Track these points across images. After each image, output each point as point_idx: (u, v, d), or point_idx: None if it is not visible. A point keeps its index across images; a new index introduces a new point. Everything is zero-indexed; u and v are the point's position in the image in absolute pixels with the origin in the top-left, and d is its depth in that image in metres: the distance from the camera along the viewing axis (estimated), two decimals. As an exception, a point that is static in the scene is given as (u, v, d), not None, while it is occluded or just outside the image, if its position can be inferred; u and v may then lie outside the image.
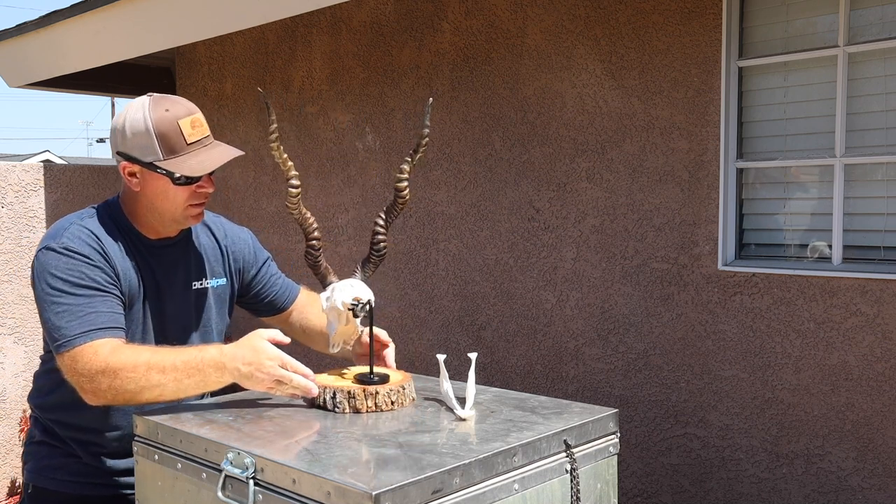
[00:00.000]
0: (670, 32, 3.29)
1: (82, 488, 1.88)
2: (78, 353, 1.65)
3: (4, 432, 4.79)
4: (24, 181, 4.85)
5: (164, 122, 1.76)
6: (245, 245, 2.06)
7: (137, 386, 1.62)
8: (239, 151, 1.86)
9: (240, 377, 1.62)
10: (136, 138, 1.76)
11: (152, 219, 1.85)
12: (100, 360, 1.63)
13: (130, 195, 1.85)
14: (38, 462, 1.91)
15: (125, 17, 4.48)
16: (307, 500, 1.30)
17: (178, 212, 1.82)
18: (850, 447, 2.93)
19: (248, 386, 1.64)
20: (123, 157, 1.79)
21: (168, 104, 1.78)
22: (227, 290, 2.02)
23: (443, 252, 4.13)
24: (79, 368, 1.65)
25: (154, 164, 1.76)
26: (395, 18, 4.28)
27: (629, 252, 3.46)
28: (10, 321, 4.77)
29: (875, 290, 2.86)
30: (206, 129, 1.83)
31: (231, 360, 1.62)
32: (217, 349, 1.65)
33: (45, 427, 1.92)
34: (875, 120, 2.95)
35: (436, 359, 1.70)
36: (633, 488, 3.49)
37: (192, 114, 1.79)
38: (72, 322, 1.67)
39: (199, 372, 1.63)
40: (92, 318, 1.68)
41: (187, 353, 1.66)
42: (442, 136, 4.08)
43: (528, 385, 3.77)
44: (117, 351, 1.65)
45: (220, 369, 1.62)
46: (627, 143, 3.44)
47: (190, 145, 1.78)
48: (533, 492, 1.44)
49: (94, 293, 1.71)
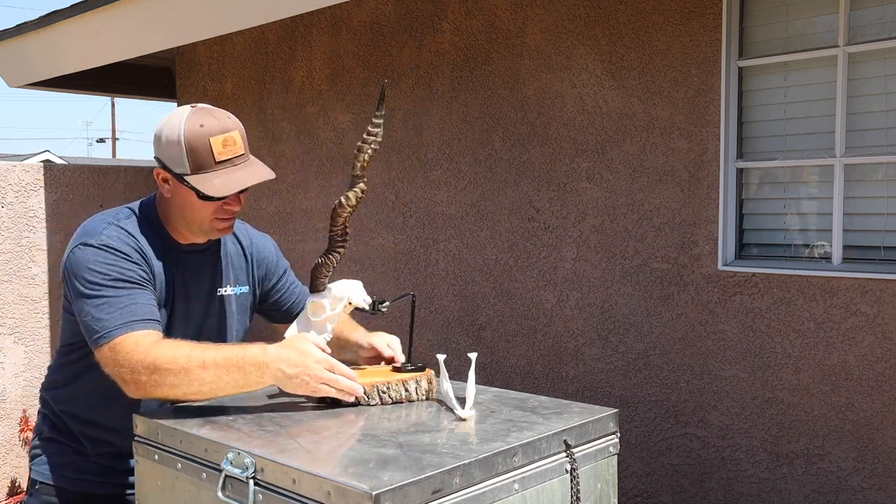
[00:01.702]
0: (670, 32, 3.29)
1: (90, 486, 1.89)
2: (119, 343, 1.65)
3: (4, 432, 4.79)
4: (24, 181, 4.85)
5: (196, 138, 1.74)
6: (269, 253, 2.08)
7: (177, 379, 1.61)
8: (269, 174, 1.82)
9: (283, 378, 1.61)
10: (170, 148, 1.76)
11: (181, 225, 1.86)
12: (140, 352, 1.63)
13: (163, 199, 1.86)
14: (46, 459, 1.92)
15: (125, 17, 4.48)
16: (307, 500, 1.30)
17: (205, 224, 1.83)
18: (850, 447, 2.93)
19: (289, 388, 1.63)
20: (158, 163, 1.81)
21: (205, 119, 1.76)
22: (249, 297, 2.04)
23: (443, 252, 4.13)
24: (119, 360, 1.64)
25: (182, 176, 1.76)
26: (395, 18, 4.28)
27: (629, 252, 3.46)
28: (10, 321, 4.77)
29: (875, 290, 2.86)
30: (241, 147, 1.80)
31: (275, 361, 1.61)
32: (260, 348, 1.64)
33: (53, 423, 1.92)
34: (875, 120, 2.95)
35: (436, 359, 1.70)
36: (633, 488, 3.49)
37: (226, 132, 1.77)
38: (112, 314, 1.67)
39: (239, 370, 1.62)
40: (132, 310, 1.68)
41: (229, 349, 1.65)
42: (442, 136, 4.08)
43: (528, 385, 3.77)
44: (158, 344, 1.65)
45: (261, 369, 1.61)
46: (627, 143, 3.44)
47: (218, 164, 1.76)
48: (533, 492, 1.44)
49: (133, 287, 1.72)
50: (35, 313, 4.88)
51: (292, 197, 4.86)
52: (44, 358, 4.93)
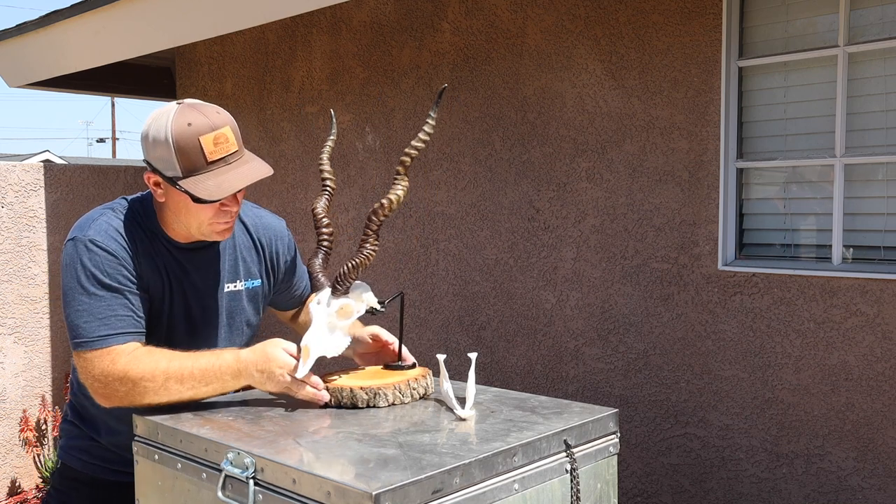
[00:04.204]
0: (670, 32, 3.29)
1: (102, 472, 1.93)
2: (96, 356, 1.65)
3: (4, 432, 4.79)
4: (24, 181, 4.85)
5: (184, 138, 1.65)
6: (282, 243, 2.01)
7: (155, 395, 1.64)
8: (266, 171, 1.75)
9: (254, 381, 1.66)
10: (158, 150, 1.68)
11: (179, 228, 1.79)
12: (118, 369, 1.63)
13: (158, 202, 1.79)
14: (67, 441, 1.98)
15: (125, 17, 4.48)
16: (307, 500, 1.30)
17: (204, 227, 1.76)
18: (850, 447, 2.93)
19: (265, 389, 1.67)
20: (148, 167, 1.73)
21: (192, 116, 1.67)
22: (261, 289, 1.98)
23: (443, 252, 4.13)
24: (94, 373, 1.65)
25: (174, 180, 1.68)
26: (395, 18, 4.28)
27: (629, 252, 3.46)
28: (10, 321, 4.77)
29: (875, 290, 2.86)
30: (234, 143, 1.71)
31: (246, 367, 1.65)
32: (233, 355, 1.66)
33: (75, 407, 1.96)
34: (875, 120, 2.95)
35: (436, 359, 1.70)
36: (633, 488, 3.49)
37: (216, 129, 1.68)
38: (90, 323, 1.66)
39: (216, 379, 1.65)
40: (110, 322, 1.66)
41: (204, 359, 1.66)
42: (442, 136, 4.08)
43: (528, 385, 3.77)
44: (136, 359, 1.64)
45: (236, 375, 1.66)
46: (627, 143, 3.44)
47: (211, 164, 1.67)
48: (533, 492, 1.44)
49: (115, 294, 1.69)
50: (35, 313, 4.88)
51: (292, 197, 4.86)
52: (44, 358, 4.93)
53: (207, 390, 1.66)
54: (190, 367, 1.64)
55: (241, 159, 1.74)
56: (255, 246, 1.96)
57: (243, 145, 1.77)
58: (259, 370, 1.64)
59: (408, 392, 1.72)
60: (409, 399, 1.72)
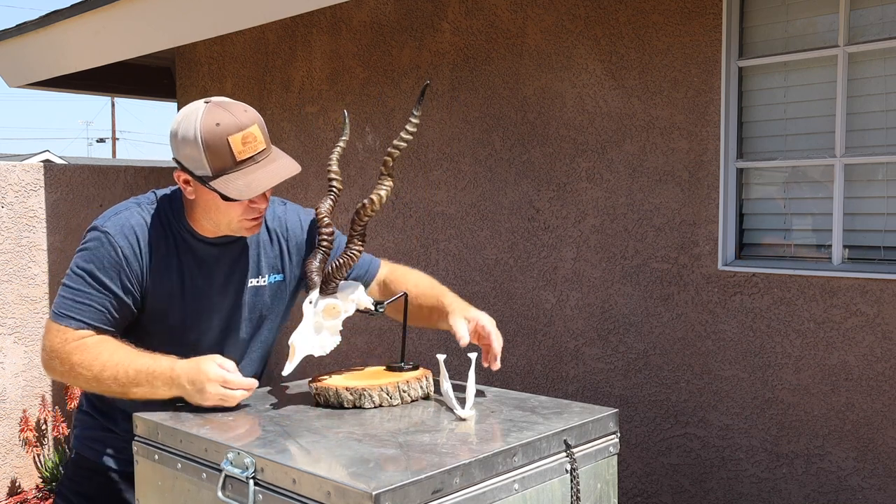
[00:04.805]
0: (670, 32, 3.29)
1: (116, 462, 1.95)
2: (53, 328, 1.75)
3: (4, 432, 4.79)
4: (24, 181, 4.85)
5: (213, 137, 1.67)
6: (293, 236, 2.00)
7: (87, 383, 1.74)
8: (294, 168, 1.77)
9: (185, 393, 1.68)
10: (187, 149, 1.70)
11: (208, 224, 1.82)
12: (63, 348, 1.73)
13: (188, 199, 1.82)
14: (81, 431, 2.01)
15: (125, 17, 4.48)
16: (307, 500, 1.30)
17: (234, 224, 1.79)
18: (850, 447, 2.94)
19: (195, 401, 1.68)
20: (178, 165, 1.76)
21: (220, 116, 1.69)
22: (286, 284, 1.99)
23: (443, 252, 4.13)
24: (45, 343, 1.77)
25: (204, 179, 1.70)
26: (395, 18, 4.28)
27: (629, 252, 3.46)
28: (10, 321, 4.77)
29: (875, 290, 2.86)
30: (262, 142, 1.74)
31: (178, 377, 1.68)
32: (170, 363, 1.70)
33: (90, 397, 1.99)
34: (875, 120, 2.95)
35: (436, 359, 1.71)
36: (633, 488, 3.49)
37: (244, 128, 1.70)
38: (66, 300, 1.75)
39: (147, 383, 1.69)
40: (81, 309, 1.74)
41: (142, 361, 1.71)
42: (442, 136, 4.08)
43: (528, 385, 3.77)
44: (83, 346, 1.72)
45: (168, 383, 1.69)
46: (627, 143, 3.44)
47: (240, 163, 1.70)
48: (533, 492, 1.44)
49: (101, 291, 1.75)
50: (35, 313, 4.88)
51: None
52: (44, 358, 4.92)
53: (138, 392, 1.70)
54: (126, 366, 1.70)
55: (269, 157, 1.77)
56: (277, 242, 1.98)
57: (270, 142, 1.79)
58: (190, 381, 1.66)
59: (396, 394, 1.70)
60: (399, 402, 1.71)
